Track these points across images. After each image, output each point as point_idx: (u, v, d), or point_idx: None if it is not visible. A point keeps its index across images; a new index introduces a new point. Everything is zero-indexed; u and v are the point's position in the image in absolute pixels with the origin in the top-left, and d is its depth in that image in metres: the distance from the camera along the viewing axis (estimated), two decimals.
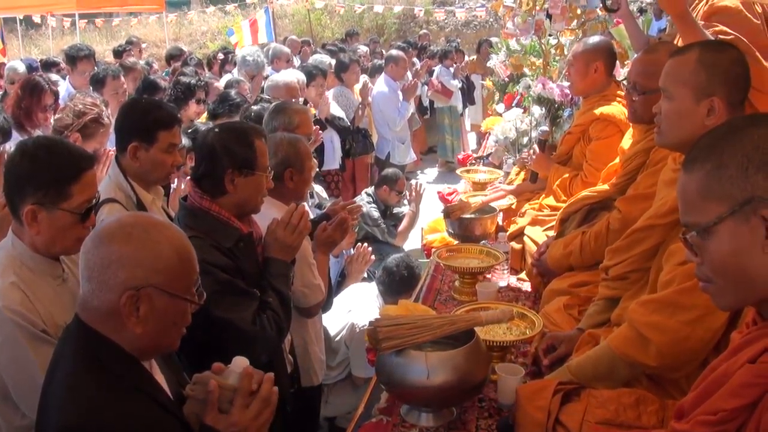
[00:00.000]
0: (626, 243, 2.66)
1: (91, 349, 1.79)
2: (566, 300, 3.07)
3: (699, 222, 1.50)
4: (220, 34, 23.20)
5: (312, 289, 3.23)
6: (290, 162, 3.27)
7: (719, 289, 1.53)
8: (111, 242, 1.76)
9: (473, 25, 22.58)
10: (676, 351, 2.18)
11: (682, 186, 1.56)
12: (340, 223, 3.36)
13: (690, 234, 1.53)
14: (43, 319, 2.26)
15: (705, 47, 2.34)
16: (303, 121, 4.11)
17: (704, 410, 1.50)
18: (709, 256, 1.50)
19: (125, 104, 3.60)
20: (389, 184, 6.65)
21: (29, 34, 21.92)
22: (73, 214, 2.32)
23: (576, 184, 3.94)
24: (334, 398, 4.64)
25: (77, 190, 2.32)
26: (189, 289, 1.86)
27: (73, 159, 2.35)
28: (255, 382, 1.88)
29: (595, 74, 3.92)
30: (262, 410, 1.87)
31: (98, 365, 1.77)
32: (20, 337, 2.20)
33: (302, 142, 3.44)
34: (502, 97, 7.23)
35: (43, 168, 2.29)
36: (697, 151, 1.53)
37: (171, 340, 1.89)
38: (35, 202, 2.27)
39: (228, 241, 2.76)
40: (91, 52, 7.32)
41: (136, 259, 1.75)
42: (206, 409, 1.86)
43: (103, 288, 1.75)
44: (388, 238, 6.43)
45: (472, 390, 2.44)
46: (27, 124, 4.95)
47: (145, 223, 1.83)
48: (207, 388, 1.87)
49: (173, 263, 1.80)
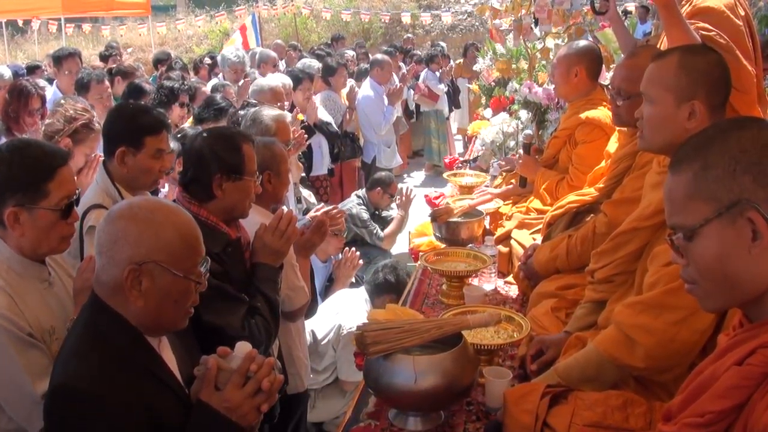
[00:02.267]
0: (611, 246, 2.67)
1: (97, 319, 1.92)
2: (553, 303, 3.07)
3: (685, 224, 1.50)
4: (206, 38, 23.20)
5: (296, 292, 3.23)
6: (267, 165, 3.25)
7: (704, 291, 1.54)
8: (119, 220, 1.90)
9: (459, 29, 22.64)
10: (663, 352, 2.19)
11: (668, 187, 1.56)
12: (318, 227, 3.37)
13: (676, 236, 1.54)
14: (30, 323, 2.27)
15: (685, 51, 2.35)
16: (280, 128, 4.09)
17: (692, 412, 1.50)
18: (695, 258, 1.51)
19: (113, 109, 3.60)
20: (383, 186, 6.66)
21: (15, 39, 21.83)
22: (54, 211, 2.35)
23: (562, 187, 3.95)
24: (321, 403, 4.63)
25: (54, 187, 2.34)
26: (191, 269, 1.96)
27: (47, 157, 2.37)
28: (255, 365, 1.93)
29: (576, 79, 3.94)
30: (258, 391, 1.92)
31: (101, 335, 1.89)
32: (6, 341, 2.20)
33: (277, 144, 3.43)
34: (488, 100, 7.26)
35: (18, 170, 2.31)
36: (685, 152, 1.54)
37: (173, 317, 1.99)
38: (15, 204, 2.30)
39: (216, 246, 2.75)
40: (75, 51, 7.31)
41: (140, 236, 1.87)
42: (203, 385, 1.94)
43: (110, 262, 1.88)
44: (376, 241, 6.44)
45: (460, 394, 2.44)
46: (15, 128, 4.95)
47: (152, 206, 1.96)
48: (206, 365, 1.95)
49: (175, 243, 1.91)
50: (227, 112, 5.17)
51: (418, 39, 19.44)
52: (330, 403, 4.63)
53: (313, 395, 4.57)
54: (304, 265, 3.39)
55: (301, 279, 3.25)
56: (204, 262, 2.01)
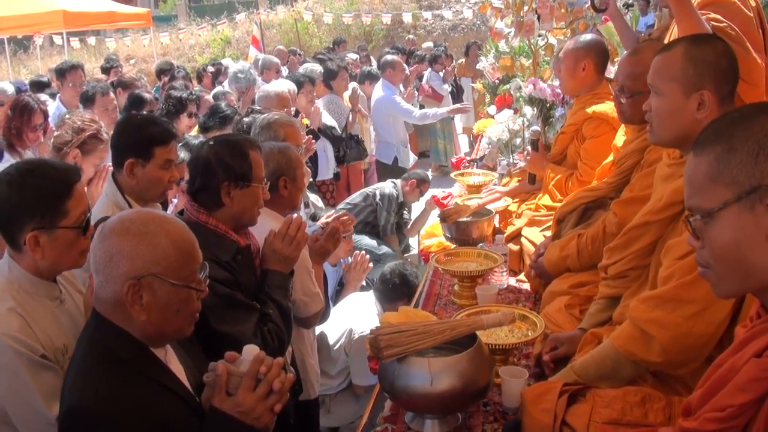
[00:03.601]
0: (623, 241, 2.65)
1: (101, 337, 1.91)
2: (567, 300, 3.05)
3: (704, 206, 1.49)
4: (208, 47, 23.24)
5: (312, 298, 3.22)
6: (283, 170, 3.26)
7: (718, 275, 1.52)
8: (112, 236, 1.87)
9: (461, 28, 22.64)
10: (679, 346, 2.16)
11: (690, 168, 1.55)
12: (331, 233, 3.37)
13: (694, 217, 1.52)
14: (42, 343, 2.23)
15: (691, 41, 2.34)
16: (290, 134, 4.08)
17: (712, 407, 1.49)
18: (711, 241, 1.50)
19: (121, 121, 3.60)
20: (419, 180, 6.85)
21: (18, 56, 21.92)
22: (74, 229, 2.32)
23: (571, 183, 3.94)
24: (336, 408, 4.62)
25: (72, 205, 2.31)
26: (190, 277, 1.94)
27: (61, 176, 2.34)
28: (264, 367, 1.94)
29: (584, 73, 3.93)
30: (269, 393, 1.93)
31: (106, 351, 1.88)
32: (19, 364, 2.17)
33: (292, 149, 3.43)
34: (492, 99, 7.24)
35: (35, 194, 2.27)
36: (708, 134, 1.53)
37: (178, 326, 1.97)
38: (35, 228, 2.25)
39: (226, 254, 2.75)
40: (78, 64, 7.33)
41: (136, 250, 1.86)
42: (214, 392, 1.95)
43: (108, 279, 1.86)
44: (387, 230, 6.53)
45: (477, 395, 2.42)
46: (17, 144, 4.95)
47: (144, 218, 1.93)
48: (216, 372, 1.95)
49: (171, 253, 1.89)
50: (232, 120, 5.16)
51: (419, 40, 19.42)
52: (344, 408, 4.62)
53: (327, 401, 4.57)
54: (318, 272, 3.38)
55: (317, 285, 3.25)
56: (203, 269, 2.00)
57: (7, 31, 15.68)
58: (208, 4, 31.78)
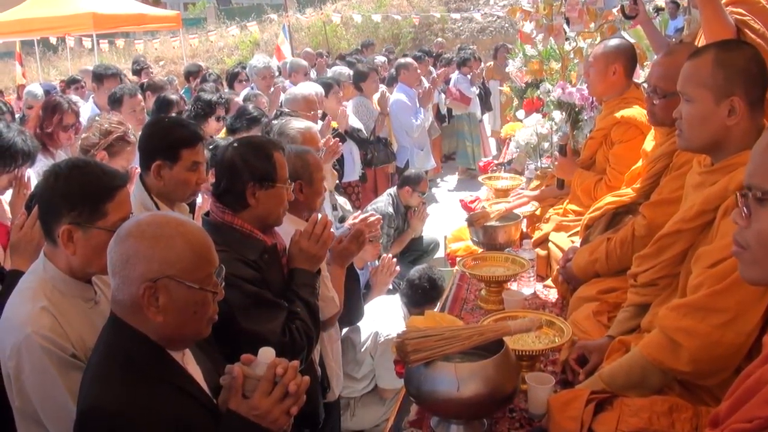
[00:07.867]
0: (654, 249, 2.63)
1: (118, 339, 1.92)
2: (595, 307, 3.03)
3: (763, 186, 1.47)
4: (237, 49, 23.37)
5: (326, 302, 3.19)
6: (298, 174, 3.25)
7: (754, 258, 1.51)
8: (128, 239, 1.89)
9: (489, 30, 22.59)
10: (708, 356, 2.15)
11: (760, 143, 1.53)
12: (355, 235, 3.35)
13: (751, 192, 1.50)
14: (73, 343, 2.25)
15: (720, 47, 2.33)
16: (308, 139, 4.08)
17: (739, 418, 1.47)
18: (761, 222, 1.48)
19: (148, 123, 3.63)
20: (411, 184, 6.67)
21: (47, 56, 22.14)
22: (109, 232, 2.31)
23: (600, 188, 3.91)
24: (361, 411, 4.63)
25: (112, 209, 2.33)
26: (206, 280, 1.95)
27: (107, 178, 2.36)
28: (281, 369, 1.95)
29: (614, 76, 3.90)
30: (285, 396, 1.93)
31: (123, 353, 1.89)
32: (49, 363, 2.19)
33: (311, 153, 3.43)
34: (521, 103, 7.21)
35: (78, 188, 2.30)
36: None
37: (194, 328, 1.98)
38: (71, 222, 2.28)
39: (252, 253, 2.77)
40: (117, 72, 7.39)
41: (152, 253, 1.87)
42: (230, 394, 1.96)
43: (125, 282, 1.88)
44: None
45: (503, 401, 2.41)
46: (50, 144, 4.99)
47: (160, 221, 1.95)
48: (232, 374, 1.96)
49: (187, 256, 1.90)
50: (260, 122, 5.17)
51: (448, 43, 19.41)
52: (370, 411, 4.63)
53: (352, 404, 4.58)
54: (340, 275, 3.37)
55: (331, 289, 3.23)
56: (219, 271, 2.00)
57: (38, 33, 15.86)
58: (237, 6, 31.98)
